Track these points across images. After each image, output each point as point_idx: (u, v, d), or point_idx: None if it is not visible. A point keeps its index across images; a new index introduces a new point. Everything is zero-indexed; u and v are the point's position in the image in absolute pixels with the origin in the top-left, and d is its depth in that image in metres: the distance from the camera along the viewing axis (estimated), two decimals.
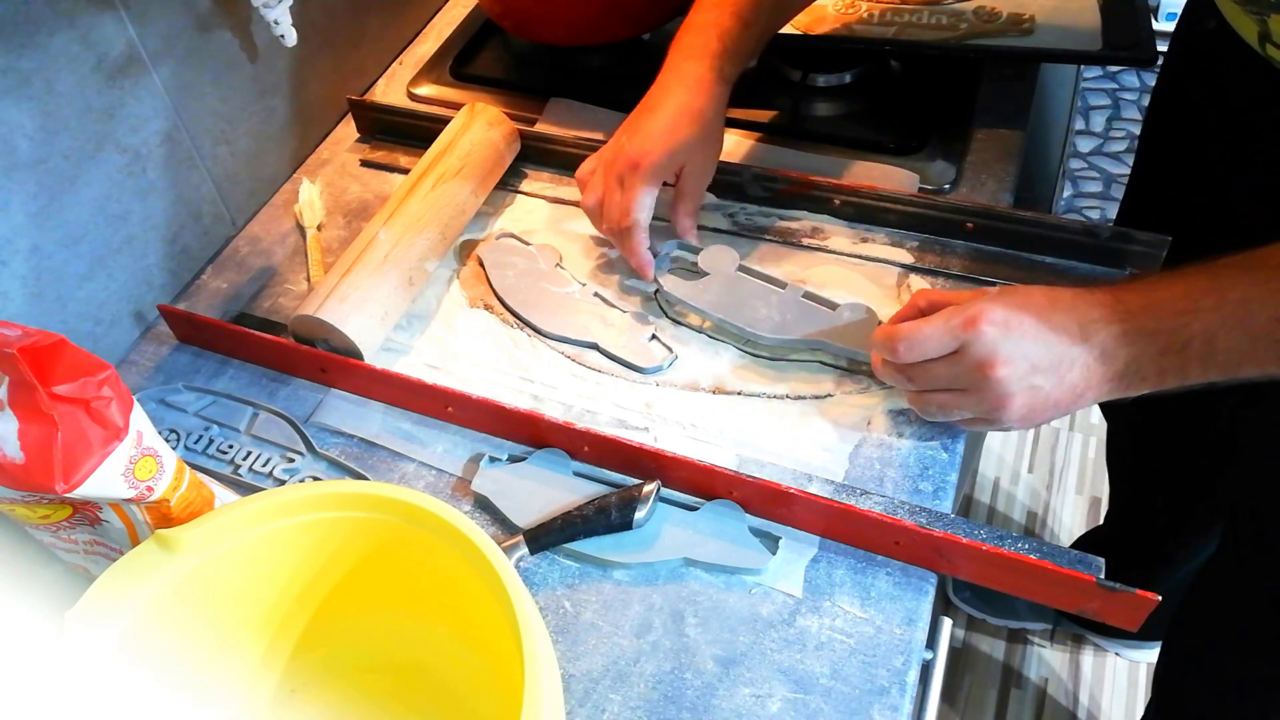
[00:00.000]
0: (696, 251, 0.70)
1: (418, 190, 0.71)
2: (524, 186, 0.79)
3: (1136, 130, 2.09)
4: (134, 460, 0.45)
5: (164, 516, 0.48)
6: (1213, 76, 0.71)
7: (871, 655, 0.52)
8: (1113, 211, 1.94)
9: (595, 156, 0.70)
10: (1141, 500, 1.12)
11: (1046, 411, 0.54)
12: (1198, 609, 0.92)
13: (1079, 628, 1.34)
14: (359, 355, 0.64)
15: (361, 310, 0.64)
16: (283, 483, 0.61)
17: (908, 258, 0.71)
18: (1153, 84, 0.84)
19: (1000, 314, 0.53)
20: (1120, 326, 0.52)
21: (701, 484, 0.58)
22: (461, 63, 0.91)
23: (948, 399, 0.56)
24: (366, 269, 0.66)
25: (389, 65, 0.94)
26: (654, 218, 0.68)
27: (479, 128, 0.75)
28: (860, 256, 0.71)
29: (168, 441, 0.58)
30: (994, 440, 1.59)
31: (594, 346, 0.67)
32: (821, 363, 0.65)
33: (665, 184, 0.68)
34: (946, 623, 0.59)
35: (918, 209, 0.71)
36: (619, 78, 0.89)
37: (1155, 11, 2.09)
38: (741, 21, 0.67)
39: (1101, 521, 1.32)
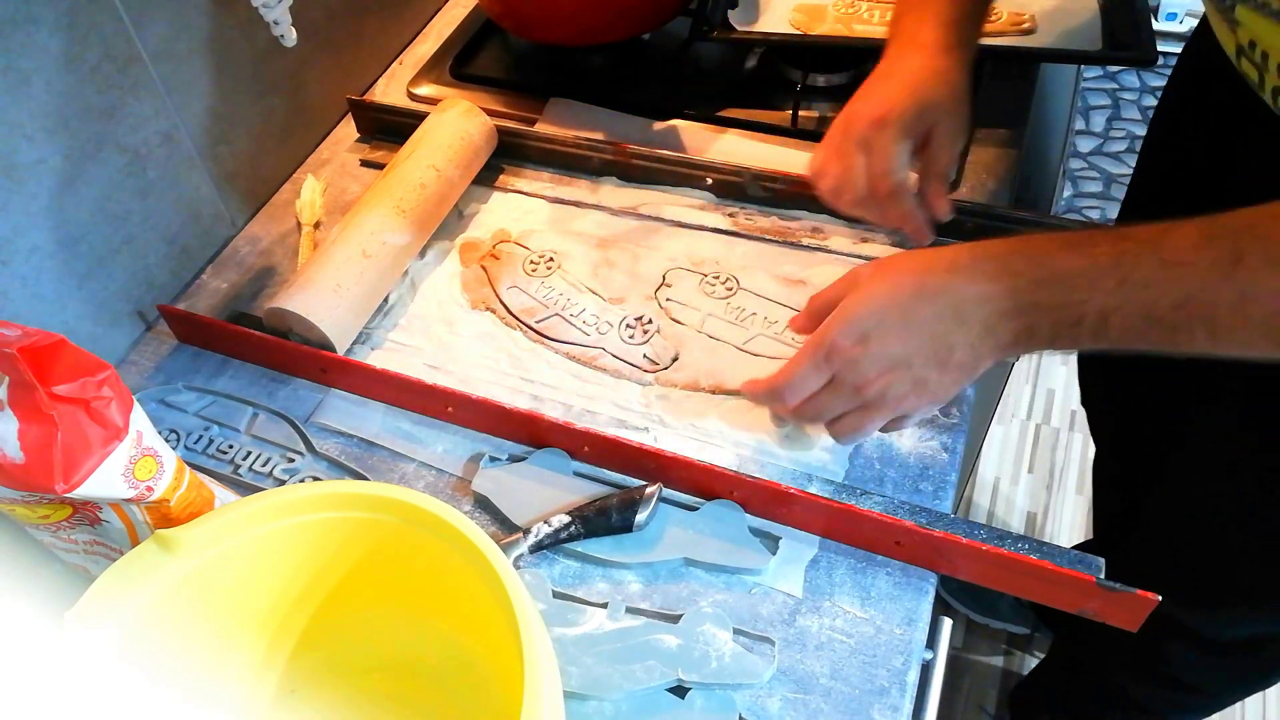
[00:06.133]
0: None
1: (374, 184, 0.73)
2: (524, 187, 0.79)
3: (1136, 130, 2.09)
4: (134, 460, 0.45)
5: (164, 516, 0.48)
6: (1205, 89, 0.71)
7: (871, 655, 0.52)
8: (1113, 212, 1.94)
9: (822, 144, 0.63)
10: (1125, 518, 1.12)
11: (945, 390, 0.53)
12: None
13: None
14: (320, 332, 0.64)
15: (308, 287, 0.65)
16: (283, 483, 0.61)
17: None
18: (1153, 84, 0.83)
19: (855, 330, 0.52)
20: (1008, 302, 0.50)
21: (701, 484, 0.58)
22: (461, 63, 0.91)
23: (854, 420, 0.55)
24: (318, 255, 0.67)
25: (389, 65, 0.94)
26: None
27: (432, 120, 0.77)
28: (860, 256, 0.71)
29: (168, 441, 0.58)
30: (994, 440, 1.59)
31: (597, 347, 0.67)
32: None
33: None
34: (946, 623, 0.59)
35: None
36: (619, 78, 0.89)
37: (1155, 11, 2.09)
38: None
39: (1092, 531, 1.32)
